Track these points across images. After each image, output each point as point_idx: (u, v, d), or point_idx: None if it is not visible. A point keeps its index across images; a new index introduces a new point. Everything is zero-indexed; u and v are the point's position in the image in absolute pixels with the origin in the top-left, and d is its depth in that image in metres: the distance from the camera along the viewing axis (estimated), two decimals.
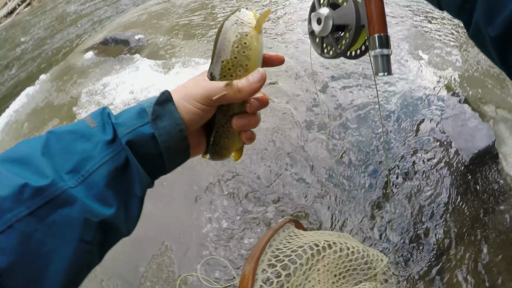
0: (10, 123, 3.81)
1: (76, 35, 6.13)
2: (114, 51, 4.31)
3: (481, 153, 2.28)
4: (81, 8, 8.63)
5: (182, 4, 5.53)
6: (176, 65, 3.46)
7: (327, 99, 2.83)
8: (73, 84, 3.87)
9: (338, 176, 2.27)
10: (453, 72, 2.99)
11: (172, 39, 4.18)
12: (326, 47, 0.94)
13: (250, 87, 0.59)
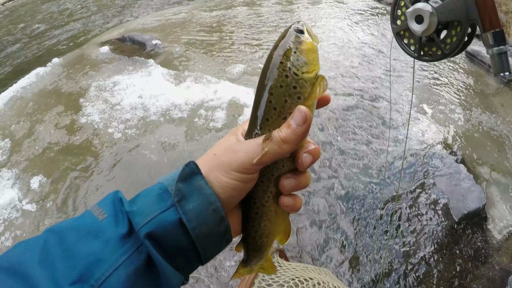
0: (15, 98, 3.87)
1: (95, 24, 6.25)
2: (130, 51, 4.42)
3: (470, 214, 2.37)
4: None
5: (202, 18, 5.69)
6: (188, 78, 3.55)
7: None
8: (84, 74, 3.96)
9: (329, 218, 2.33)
10: (454, 130, 3.09)
11: (187, 51, 4.30)
12: (427, 49, 0.88)
13: (295, 134, 0.48)
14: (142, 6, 7.19)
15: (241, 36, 4.77)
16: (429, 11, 0.77)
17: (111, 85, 3.57)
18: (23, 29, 7.17)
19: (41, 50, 5.45)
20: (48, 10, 8.74)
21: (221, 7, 6.42)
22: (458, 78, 3.94)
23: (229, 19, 5.57)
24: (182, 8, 6.49)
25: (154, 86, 3.41)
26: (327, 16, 5.52)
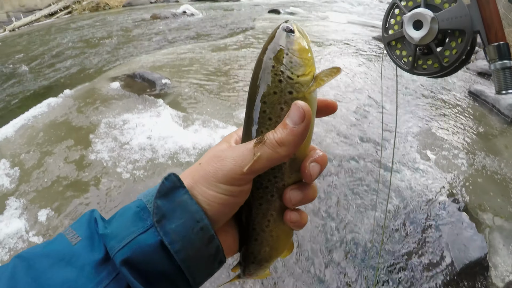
0: (26, 126, 4.03)
1: (107, 58, 6.49)
2: (140, 89, 4.62)
3: (472, 264, 2.39)
4: (118, 33, 9.10)
5: (210, 58, 5.93)
6: (196, 122, 3.72)
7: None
8: (94, 109, 4.13)
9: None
10: (457, 176, 3.17)
11: (196, 92, 4.49)
12: (421, 62, 0.81)
13: (292, 135, 0.42)
14: (152, 43, 7.46)
15: (247, 78, 4.97)
16: (430, 15, 0.72)
17: (121, 123, 3.73)
18: (37, 56, 7.41)
19: (53, 79, 5.66)
20: (62, 39, 9.04)
21: (228, 48, 6.70)
22: (462, 119, 4.09)
23: (236, 60, 5.82)
24: (191, 47, 6.77)
25: (163, 127, 3.57)
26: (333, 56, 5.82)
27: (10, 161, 3.40)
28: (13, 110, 4.69)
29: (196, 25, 9.74)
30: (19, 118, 4.22)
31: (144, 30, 9.33)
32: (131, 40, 7.97)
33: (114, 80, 4.99)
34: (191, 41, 7.44)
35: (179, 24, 10.08)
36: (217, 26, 9.56)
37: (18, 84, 5.77)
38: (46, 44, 8.93)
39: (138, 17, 12.27)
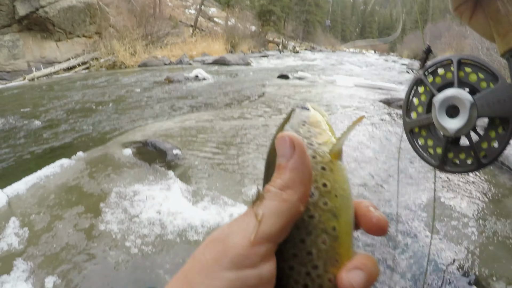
0: (38, 185, 4.16)
1: (120, 123, 6.75)
2: (151, 158, 4.80)
3: None
4: (133, 95, 9.47)
5: (221, 127, 6.18)
6: (206, 198, 3.84)
7: None
8: (106, 176, 4.29)
9: None
10: (467, 247, 3.14)
11: (206, 165, 4.65)
12: (452, 154, 0.66)
13: (292, 171, 0.35)
14: (166, 108, 7.75)
15: (257, 151, 5.17)
16: (469, 101, 0.59)
17: (131, 193, 3.87)
18: (52, 111, 7.68)
19: (67, 139, 5.89)
20: (78, 96, 9.39)
21: (239, 116, 6.97)
22: (470, 181, 4.12)
23: (247, 130, 6.07)
24: (203, 115, 7.05)
25: (172, 202, 3.69)
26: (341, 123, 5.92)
27: (20, 220, 3.51)
28: (25, 167, 4.86)
29: (207, 91, 10.12)
30: (32, 176, 4.36)
31: (158, 94, 9.72)
32: (145, 104, 8.31)
33: (127, 146, 5.20)
34: (203, 108, 7.75)
35: (191, 89, 10.47)
36: (228, 92, 9.94)
37: (32, 139, 5.99)
38: (63, 99, 9.30)
39: (152, 79, 12.74)
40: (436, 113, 0.63)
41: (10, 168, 4.85)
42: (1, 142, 5.93)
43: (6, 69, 15.20)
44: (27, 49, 16.11)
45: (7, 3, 15.78)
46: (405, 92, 0.74)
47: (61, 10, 16.77)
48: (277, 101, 8.65)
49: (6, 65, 15.23)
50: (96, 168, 4.54)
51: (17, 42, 15.88)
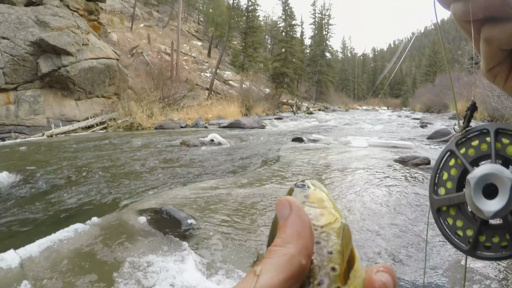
0: (51, 249, 4.20)
1: (135, 188, 6.86)
2: (165, 227, 4.85)
3: None
4: (149, 159, 9.65)
5: (237, 195, 6.22)
6: (220, 271, 3.82)
7: None
8: (119, 244, 4.33)
9: None
10: None
11: (221, 236, 4.66)
12: (484, 237, 0.58)
13: (291, 226, 0.36)
14: (181, 174, 7.86)
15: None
16: (510, 179, 0.51)
17: (145, 264, 3.88)
18: (69, 171, 7.84)
19: (82, 202, 5.98)
20: (95, 158, 9.58)
21: (254, 183, 7.03)
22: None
23: (262, 198, 6.11)
24: (219, 182, 7.13)
25: (186, 275, 3.68)
26: (357, 186, 5.89)
27: (32, 284, 3.53)
28: (39, 229, 4.92)
29: (223, 156, 10.26)
30: (45, 239, 4.42)
31: (173, 159, 9.90)
32: (161, 169, 8.46)
33: (142, 213, 5.27)
34: (218, 175, 7.85)
35: (207, 154, 10.62)
36: (243, 158, 10.06)
37: (46, 200, 6.09)
38: (79, 159, 9.51)
39: (168, 142, 12.98)
40: (471, 192, 0.54)
41: (23, 229, 4.92)
42: (15, 201, 6.05)
43: (26, 124, 15.68)
44: (48, 106, 16.67)
45: (31, 60, 16.56)
46: (434, 166, 0.64)
47: (82, 70, 17.51)
48: (292, 165, 8.75)
49: (26, 120, 15.72)
50: (110, 235, 4.59)
51: (38, 98, 16.49)
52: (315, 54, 69.81)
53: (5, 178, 7.26)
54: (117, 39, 35.60)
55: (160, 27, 56.42)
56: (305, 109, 44.12)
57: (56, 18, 18.48)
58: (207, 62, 50.48)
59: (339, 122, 24.55)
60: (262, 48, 56.04)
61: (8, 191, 6.65)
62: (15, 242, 4.44)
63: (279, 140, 14.00)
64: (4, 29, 16.44)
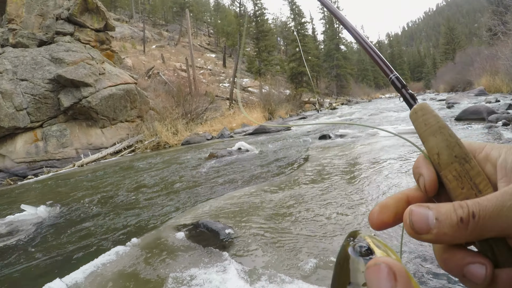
0: (95, 274, 4.30)
1: (170, 205, 6.93)
2: (204, 239, 4.88)
3: None
4: (178, 175, 9.75)
5: (270, 200, 6.21)
6: (262, 277, 3.81)
7: None
8: (161, 262, 4.38)
9: None
10: None
11: (259, 243, 4.65)
12: None
13: None
14: (213, 186, 7.91)
15: (309, 221, 5.12)
16: None
17: (188, 278, 3.91)
18: (103, 197, 7.98)
19: (120, 225, 6.07)
20: (126, 181, 9.74)
21: (286, 187, 7.00)
22: None
23: (296, 200, 6.08)
24: (251, 189, 7.13)
25: (230, 285, 3.68)
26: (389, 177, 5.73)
27: None
28: (82, 255, 5.03)
29: (252, 163, 10.26)
30: (89, 264, 4.53)
31: (203, 171, 9.97)
32: (192, 184, 8.54)
33: (179, 229, 5.33)
34: (250, 182, 7.85)
35: (236, 163, 10.64)
36: (272, 162, 10.05)
37: (84, 227, 6.22)
38: (111, 184, 9.69)
39: (196, 156, 13.08)
40: None
41: (66, 258, 5.03)
42: (54, 231, 6.20)
43: (56, 157, 16.10)
44: (74, 137, 17.08)
45: (52, 96, 17.05)
46: None
47: (103, 99, 17.88)
48: (322, 164, 8.67)
49: (55, 154, 16.15)
50: (151, 253, 4.64)
51: (64, 131, 16.91)
52: (330, 49, 69.46)
53: (42, 212, 7.46)
54: (132, 64, 36.31)
55: (172, 46, 57.29)
56: (328, 105, 43.80)
57: (70, 53, 19.01)
58: (224, 72, 50.92)
59: (364, 114, 24.23)
60: (276, 51, 56.02)
61: (47, 223, 6.83)
62: (60, 271, 4.56)
63: (306, 140, 13.92)
64: (22, 72, 16.98)
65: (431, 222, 0.37)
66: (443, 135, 0.45)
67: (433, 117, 0.47)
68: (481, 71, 32.13)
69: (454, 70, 47.42)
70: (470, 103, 18.41)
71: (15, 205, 8.65)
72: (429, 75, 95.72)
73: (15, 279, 4.59)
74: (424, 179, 0.45)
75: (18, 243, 5.95)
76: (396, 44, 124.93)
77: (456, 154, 0.43)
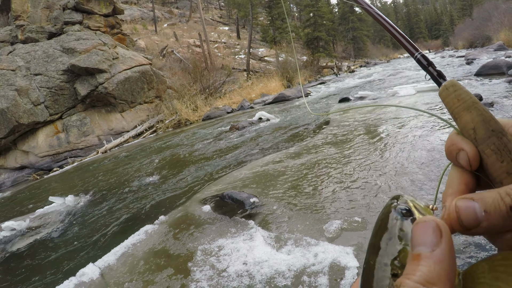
0: (126, 254, 4.42)
1: (194, 180, 7.01)
2: (230, 210, 4.95)
3: None
4: (201, 150, 9.82)
5: (292, 166, 6.22)
6: (289, 241, 3.87)
7: None
8: (189, 236, 4.47)
9: None
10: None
11: (284, 208, 4.69)
12: None
13: (436, 262, 0.32)
14: (235, 157, 7.94)
15: (332, 182, 5.14)
16: None
17: (216, 249, 3.98)
18: (130, 179, 8.13)
19: (148, 205, 6.18)
20: (150, 161, 9.88)
21: (309, 151, 6.99)
22: None
23: (319, 164, 6.09)
24: (274, 157, 7.14)
25: (257, 252, 3.75)
26: (416, 137, 5.50)
27: None
28: (113, 237, 5.17)
29: (273, 131, 10.26)
30: (120, 246, 4.66)
31: (226, 144, 10.03)
32: (216, 156, 8.61)
33: (205, 202, 5.40)
34: (272, 150, 7.87)
35: (257, 133, 10.65)
36: (293, 128, 10.03)
37: (112, 211, 6.37)
38: (136, 167, 9.86)
39: (217, 130, 13.14)
40: None
41: (97, 243, 5.18)
42: (83, 219, 6.36)
43: (79, 147, 16.42)
44: (95, 125, 17.33)
45: (68, 87, 17.26)
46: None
47: (119, 83, 17.99)
48: (343, 127, 8.60)
49: (78, 143, 16.46)
50: (179, 229, 4.73)
51: (84, 120, 17.17)
52: (345, 12, 67.94)
53: (70, 201, 7.67)
54: (145, 45, 36.29)
55: (184, 22, 56.91)
56: (346, 69, 43.11)
57: (81, 41, 19.13)
58: (238, 44, 50.42)
59: (383, 75, 23.75)
60: (289, 18, 55.06)
61: (75, 212, 7.03)
62: (92, 255, 4.72)
63: (326, 104, 13.80)
64: (35, 66, 17.21)
65: (480, 215, 0.36)
66: (478, 110, 0.45)
67: (466, 93, 0.47)
68: (499, 25, 31.32)
69: (472, 26, 46.15)
70: (490, 58, 17.97)
71: (43, 198, 8.91)
72: (447, 32, 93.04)
73: (49, 269, 4.76)
74: (466, 153, 0.44)
75: (50, 234, 6.15)
76: (412, 3, 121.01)
77: (493, 128, 0.43)
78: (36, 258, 5.20)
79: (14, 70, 16.61)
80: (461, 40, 51.33)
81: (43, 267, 4.84)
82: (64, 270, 4.57)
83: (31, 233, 6.40)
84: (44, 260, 5.06)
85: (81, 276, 4.10)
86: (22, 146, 15.71)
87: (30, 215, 7.39)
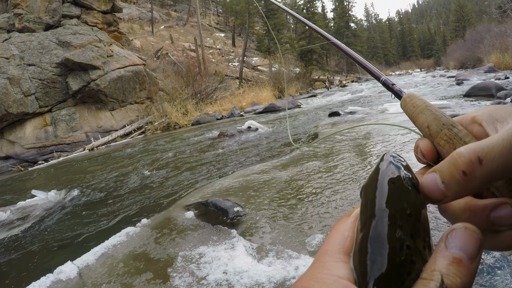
0: (106, 255, 4.37)
1: (179, 185, 6.98)
2: (213, 218, 4.93)
3: None
4: (188, 155, 9.79)
5: (278, 178, 6.22)
6: (270, 253, 3.86)
7: None
8: (171, 241, 4.44)
9: None
10: None
11: (268, 219, 4.68)
12: None
13: (470, 274, 0.30)
14: (222, 165, 7.93)
15: (316, 197, 5.13)
16: None
17: (197, 256, 3.96)
18: (113, 180, 8.06)
19: (131, 207, 6.14)
20: (136, 162, 9.81)
21: (296, 163, 7.02)
22: None
23: (305, 177, 6.08)
24: (260, 167, 7.14)
25: (238, 261, 3.74)
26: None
27: None
28: (93, 237, 5.12)
29: (261, 141, 10.26)
30: (100, 246, 4.61)
31: (213, 151, 10.01)
32: (202, 163, 8.58)
33: (189, 209, 5.38)
34: (259, 160, 7.86)
35: (246, 142, 10.65)
36: (282, 139, 10.05)
37: (94, 210, 6.31)
38: (121, 167, 9.78)
39: (206, 136, 13.13)
40: None
41: (77, 241, 5.12)
42: (65, 216, 6.29)
43: (66, 142, 16.28)
44: (84, 121, 17.21)
45: (60, 80, 17.14)
46: None
47: (111, 81, 17.93)
48: (332, 141, 8.64)
49: (65, 138, 16.32)
50: (161, 233, 4.70)
51: (74, 115, 17.05)
52: (340, 27, 68.87)
53: (53, 196, 7.58)
54: (140, 45, 36.23)
55: (181, 26, 56.97)
56: (338, 83, 43.55)
57: (77, 36, 19.04)
58: (233, 51, 50.59)
59: (374, 91, 23.99)
60: (285, 29, 55.47)
61: (58, 207, 6.95)
62: (71, 253, 4.65)
63: (316, 117, 13.87)
64: (29, 56, 17.08)
65: (441, 186, 0.37)
66: (430, 111, 0.52)
67: (420, 100, 0.56)
68: (490, 48, 31.89)
69: (464, 47, 46.84)
70: (480, 80, 18.21)
71: (26, 191, 8.80)
72: (439, 52, 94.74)
73: (26, 264, 4.69)
74: (420, 147, 0.49)
75: (30, 228, 6.06)
76: (407, 22, 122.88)
77: (444, 122, 0.49)
78: (13, 251, 5.12)
79: (8, 58, 16.46)
80: (453, 61, 52.05)
81: (20, 261, 4.77)
82: (42, 266, 4.50)
83: (11, 226, 6.31)
84: (21, 254, 4.99)
85: (59, 274, 4.04)
86: (9, 136, 15.51)
87: (11, 207, 7.29)
